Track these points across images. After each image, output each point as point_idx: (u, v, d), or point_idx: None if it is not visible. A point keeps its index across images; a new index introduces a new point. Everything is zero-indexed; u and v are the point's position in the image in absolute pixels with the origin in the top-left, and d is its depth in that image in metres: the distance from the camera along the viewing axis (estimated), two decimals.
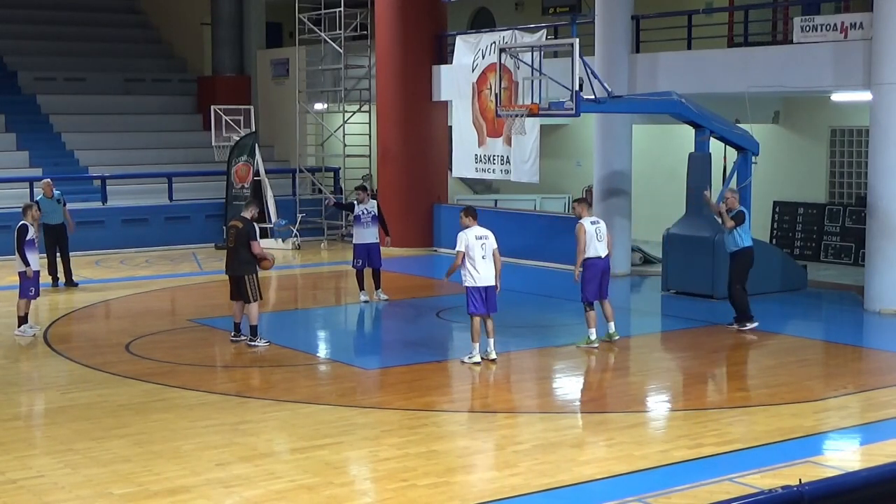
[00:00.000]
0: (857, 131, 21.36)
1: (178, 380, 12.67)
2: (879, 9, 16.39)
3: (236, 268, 14.42)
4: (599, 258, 14.14)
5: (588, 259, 14.11)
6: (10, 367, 13.58)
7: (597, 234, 14.15)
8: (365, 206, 17.43)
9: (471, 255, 12.99)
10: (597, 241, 14.13)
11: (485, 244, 13.05)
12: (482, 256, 13.01)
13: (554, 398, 12.51)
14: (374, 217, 17.47)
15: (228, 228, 14.85)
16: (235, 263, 14.42)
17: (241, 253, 14.33)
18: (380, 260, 17.65)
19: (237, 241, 14.34)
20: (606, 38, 19.87)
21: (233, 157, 25.07)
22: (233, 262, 14.46)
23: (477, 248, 13.01)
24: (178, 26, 32.96)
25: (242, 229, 14.37)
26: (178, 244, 24.62)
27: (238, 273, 14.40)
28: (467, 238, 13.05)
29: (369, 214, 17.40)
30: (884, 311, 16.44)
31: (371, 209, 17.44)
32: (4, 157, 25.57)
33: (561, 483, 9.14)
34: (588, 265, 14.13)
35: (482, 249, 13.02)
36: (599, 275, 14.19)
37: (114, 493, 8.93)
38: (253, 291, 14.32)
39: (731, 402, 12.09)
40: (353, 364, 13.78)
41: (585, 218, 14.29)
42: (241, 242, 14.32)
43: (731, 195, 15.73)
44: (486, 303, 13.07)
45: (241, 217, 14.61)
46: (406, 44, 23.83)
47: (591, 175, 21.39)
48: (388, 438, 10.40)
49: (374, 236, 17.42)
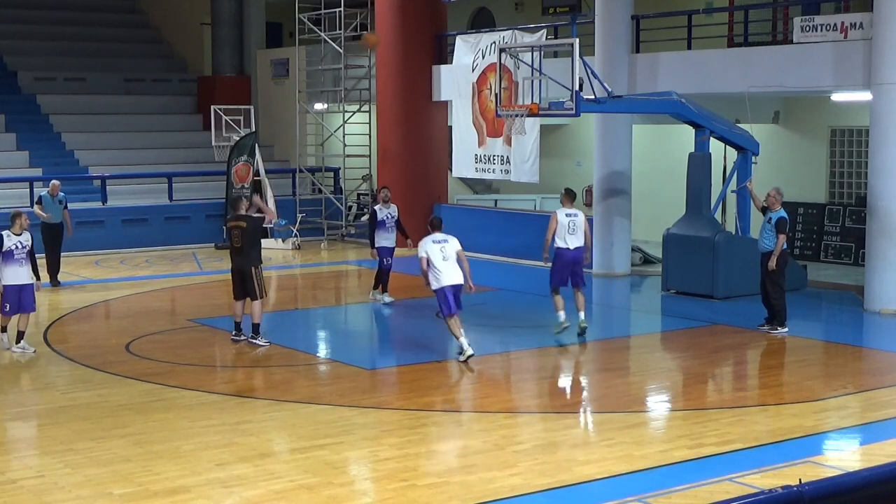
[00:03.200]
0: (857, 131, 21.36)
1: (178, 380, 12.67)
2: (879, 9, 16.39)
3: (244, 263, 14.33)
4: (568, 249, 14.73)
5: (558, 248, 14.75)
6: (11, 367, 13.57)
7: (569, 225, 14.73)
8: (388, 210, 17.59)
9: (431, 260, 13.47)
10: (567, 232, 14.70)
11: (444, 248, 13.57)
12: (442, 259, 13.50)
13: (554, 398, 12.51)
14: (397, 221, 17.64)
15: (231, 230, 14.54)
16: (242, 260, 14.35)
17: (250, 252, 14.32)
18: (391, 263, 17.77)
19: (244, 240, 14.25)
20: (606, 38, 19.88)
21: (233, 157, 25.07)
22: (240, 260, 14.37)
23: (435, 251, 13.51)
24: (178, 26, 32.96)
25: (248, 228, 14.30)
26: (178, 244, 24.62)
27: (245, 267, 14.31)
28: (425, 244, 13.61)
29: (392, 219, 17.57)
30: (884, 311, 16.44)
31: (394, 213, 17.64)
32: (4, 157, 25.57)
33: (561, 483, 9.14)
34: (556, 255, 14.81)
35: (441, 252, 13.53)
36: (568, 265, 14.78)
37: (114, 493, 8.92)
38: (259, 287, 14.30)
39: (731, 402, 12.09)
40: (353, 364, 13.78)
41: (562, 209, 14.85)
42: (249, 242, 14.29)
43: (775, 193, 15.17)
44: (457, 301, 13.50)
45: (242, 216, 14.43)
46: (406, 44, 23.83)
47: (591, 175, 21.40)
48: (388, 438, 10.40)
49: (395, 240, 17.65)
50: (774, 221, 14.90)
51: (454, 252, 13.55)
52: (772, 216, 14.98)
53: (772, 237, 14.91)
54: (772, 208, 15.05)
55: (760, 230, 15.28)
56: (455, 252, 13.56)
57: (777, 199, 15.11)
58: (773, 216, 14.97)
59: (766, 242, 15.00)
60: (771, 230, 14.94)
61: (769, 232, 14.98)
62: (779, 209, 15.01)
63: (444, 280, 13.43)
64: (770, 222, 14.98)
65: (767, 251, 14.98)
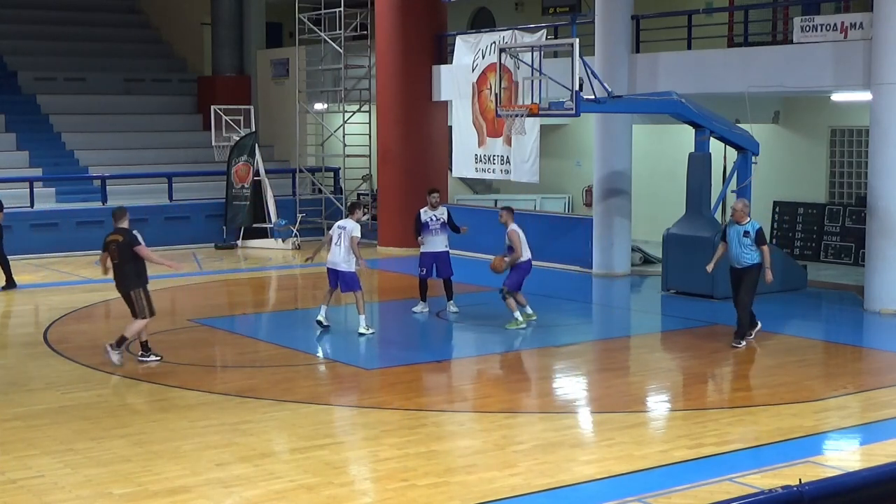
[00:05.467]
0: (857, 131, 21.36)
1: (178, 380, 12.67)
2: (879, 9, 16.39)
3: (124, 284, 13.40)
4: (530, 260, 15.70)
5: (522, 260, 15.54)
6: (11, 367, 13.58)
7: (524, 239, 15.63)
8: (434, 212, 16.55)
9: None
10: (526, 244, 15.59)
11: (341, 234, 15.10)
12: (335, 243, 15.14)
13: (554, 398, 12.51)
14: (444, 224, 16.55)
15: (108, 244, 13.40)
16: (122, 279, 13.40)
17: (127, 268, 13.32)
18: (450, 268, 16.71)
19: (121, 255, 13.25)
20: (606, 38, 19.87)
21: (233, 157, 25.08)
22: (120, 279, 13.42)
23: (334, 233, 15.24)
24: (178, 26, 32.97)
25: (123, 242, 13.27)
26: (178, 244, 24.60)
27: (126, 289, 13.40)
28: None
29: (438, 221, 16.51)
30: (884, 311, 16.44)
31: (441, 216, 16.55)
32: (4, 157, 25.58)
33: (561, 483, 9.14)
34: (522, 265, 15.56)
35: (337, 238, 15.13)
36: (528, 272, 15.71)
37: (114, 493, 8.92)
38: (141, 308, 13.28)
39: (731, 402, 12.10)
40: (353, 364, 13.78)
41: (515, 224, 15.55)
42: (125, 257, 13.26)
43: (742, 207, 14.28)
44: (338, 280, 15.22)
45: (119, 230, 13.42)
46: (406, 44, 23.83)
47: (591, 175, 21.40)
48: (388, 438, 10.40)
49: (443, 244, 16.59)
50: (754, 233, 14.04)
51: (346, 238, 15.01)
52: (747, 229, 14.06)
53: (752, 251, 14.05)
54: (740, 222, 14.14)
55: (732, 244, 14.15)
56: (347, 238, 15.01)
57: (745, 211, 14.23)
58: (748, 228, 14.06)
59: (747, 257, 14.08)
60: (751, 244, 14.04)
61: (748, 246, 14.05)
62: (748, 220, 14.17)
63: (328, 262, 15.32)
64: (747, 235, 14.05)
65: (749, 265, 14.11)
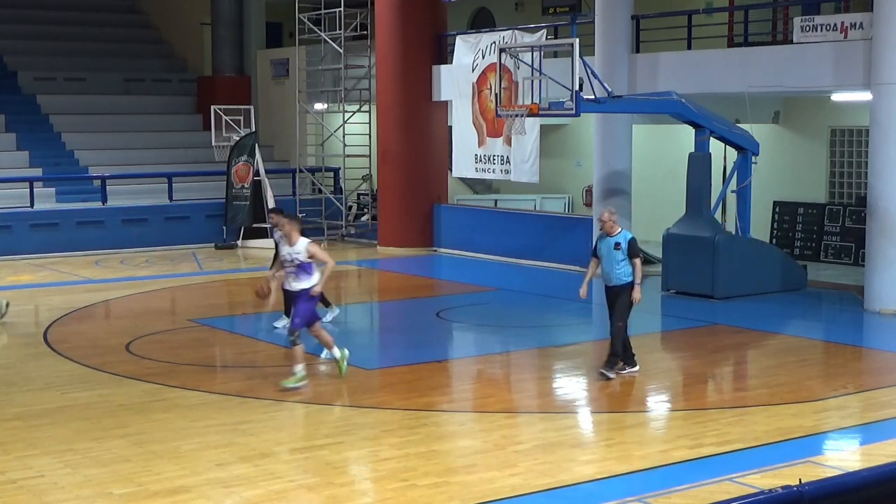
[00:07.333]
0: (857, 131, 21.36)
1: (178, 380, 12.67)
2: (879, 9, 16.39)
3: None
4: None
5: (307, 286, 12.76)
6: (11, 367, 13.57)
7: None
8: None
9: None
10: None
11: None
12: None
13: (554, 398, 12.51)
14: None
15: None
16: None
17: None
18: None
19: None
20: (606, 38, 19.87)
21: (233, 157, 25.08)
22: None
23: None
24: (178, 26, 32.97)
25: None
26: (178, 244, 24.61)
27: None
28: None
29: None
30: (884, 311, 16.44)
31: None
32: (4, 157, 25.57)
33: (561, 483, 9.13)
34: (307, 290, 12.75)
35: None
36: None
37: (114, 493, 8.92)
38: None
39: (731, 402, 12.09)
40: (353, 364, 13.77)
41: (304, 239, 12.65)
42: None
43: (608, 216, 12.53)
44: None
45: None
46: (406, 44, 23.82)
47: (591, 175, 21.40)
48: (388, 438, 10.39)
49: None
50: (626, 244, 12.34)
51: None
52: (619, 240, 12.37)
53: (626, 266, 12.37)
54: (610, 233, 12.46)
55: (603, 260, 12.56)
56: None
57: (613, 220, 12.53)
58: (619, 240, 12.38)
59: (620, 272, 12.38)
60: (623, 258, 12.35)
61: (621, 262, 12.35)
62: (619, 231, 12.50)
63: None
64: (619, 248, 12.35)
65: (624, 284, 12.42)
